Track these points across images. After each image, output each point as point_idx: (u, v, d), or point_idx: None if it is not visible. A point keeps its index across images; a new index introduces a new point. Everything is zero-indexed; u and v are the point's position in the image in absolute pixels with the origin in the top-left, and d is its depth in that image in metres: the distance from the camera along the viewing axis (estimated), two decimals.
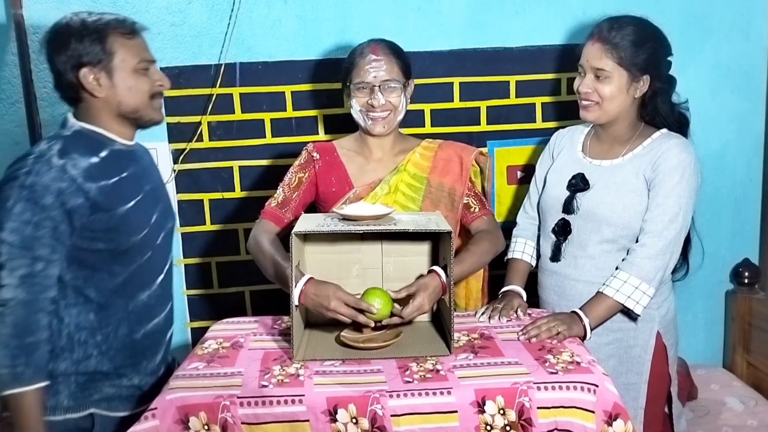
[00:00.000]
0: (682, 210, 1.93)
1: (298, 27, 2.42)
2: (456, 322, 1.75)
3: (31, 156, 1.60)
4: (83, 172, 1.61)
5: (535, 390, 1.51)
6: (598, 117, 2.01)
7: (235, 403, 1.48)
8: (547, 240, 2.12)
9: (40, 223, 1.56)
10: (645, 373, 2.02)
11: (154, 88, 1.74)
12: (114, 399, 1.72)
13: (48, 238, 1.57)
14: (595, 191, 2.02)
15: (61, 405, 1.67)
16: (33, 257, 1.56)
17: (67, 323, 1.67)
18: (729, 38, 2.57)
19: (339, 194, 2.08)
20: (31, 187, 1.56)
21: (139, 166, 1.80)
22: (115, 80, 1.68)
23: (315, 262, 1.85)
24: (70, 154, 1.62)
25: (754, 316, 2.64)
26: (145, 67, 1.71)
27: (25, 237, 1.55)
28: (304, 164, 2.13)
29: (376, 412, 1.47)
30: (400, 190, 2.07)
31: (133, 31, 1.69)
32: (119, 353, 1.73)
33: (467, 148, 2.18)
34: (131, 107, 1.71)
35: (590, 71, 1.99)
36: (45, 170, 1.57)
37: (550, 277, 2.12)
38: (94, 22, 1.66)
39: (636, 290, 1.91)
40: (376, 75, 2.01)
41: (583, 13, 2.48)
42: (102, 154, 1.68)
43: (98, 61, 1.65)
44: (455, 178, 2.10)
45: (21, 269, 1.54)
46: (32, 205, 1.55)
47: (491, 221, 2.13)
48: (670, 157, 1.94)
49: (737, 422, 2.36)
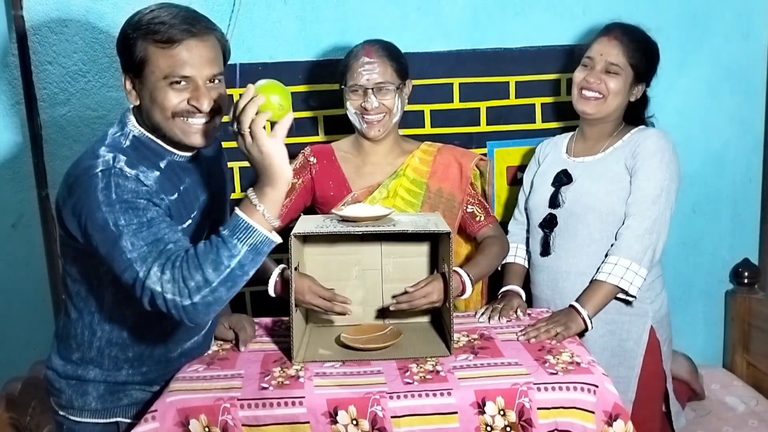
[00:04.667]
0: (664, 191, 1.97)
1: (298, 28, 2.42)
2: (456, 323, 1.75)
3: (97, 170, 1.45)
4: (155, 183, 1.51)
5: (535, 390, 1.51)
6: (597, 111, 2.05)
7: (236, 405, 1.48)
8: (536, 236, 2.15)
9: (151, 221, 1.44)
10: (636, 368, 2.04)
11: (180, 107, 1.51)
12: (142, 403, 1.67)
13: (162, 224, 1.46)
14: (579, 183, 2.07)
15: (88, 407, 1.65)
16: (165, 243, 1.43)
17: (99, 336, 1.63)
18: (729, 38, 2.56)
19: (337, 198, 2.07)
20: (120, 198, 1.43)
21: (196, 176, 1.66)
22: (143, 91, 1.53)
23: (314, 264, 1.85)
24: (138, 167, 1.49)
25: (753, 316, 2.64)
26: (175, 81, 1.50)
27: (148, 240, 1.42)
28: (299, 169, 2.13)
29: (377, 414, 1.48)
30: (399, 194, 2.07)
31: (171, 40, 1.47)
32: (153, 369, 1.67)
33: (467, 153, 2.18)
34: (154, 123, 1.55)
35: (602, 64, 2.03)
36: (123, 180, 1.45)
37: (542, 273, 2.14)
38: (139, 25, 1.49)
39: (627, 271, 1.92)
40: (368, 78, 1.99)
41: (583, 13, 2.48)
42: (162, 165, 1.57)
43: (130, 67, 1.53)
44: (454, 184, 2.10)
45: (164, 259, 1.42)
46: (132, 212, 1.43)
47: (497, 228, 2.14)
48: (649, 144, 2.01)
49: (738, 422, 2.36)
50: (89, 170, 1.46)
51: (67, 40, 2.34)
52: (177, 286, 1.38)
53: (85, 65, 2.36)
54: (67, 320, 1.67)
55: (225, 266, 1.39)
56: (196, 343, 1.72)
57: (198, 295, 1.38)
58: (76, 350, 1.65)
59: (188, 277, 1.38)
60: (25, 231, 2.43)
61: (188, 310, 1.40)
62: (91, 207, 1.43)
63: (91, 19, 2.33)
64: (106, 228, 1.42)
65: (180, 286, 1.38)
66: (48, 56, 2.34)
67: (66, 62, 2.35)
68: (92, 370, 1.65)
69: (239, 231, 1.40)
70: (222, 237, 1.41)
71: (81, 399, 1.65)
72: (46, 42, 2.34)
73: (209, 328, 1.76)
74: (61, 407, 1.68)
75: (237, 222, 1.41)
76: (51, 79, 2.36)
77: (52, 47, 2.34)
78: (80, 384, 1.65)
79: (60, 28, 2.33)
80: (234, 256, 1.39)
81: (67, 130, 2.39)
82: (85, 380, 1.65)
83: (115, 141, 1.54)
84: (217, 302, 1.41)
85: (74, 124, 2.39)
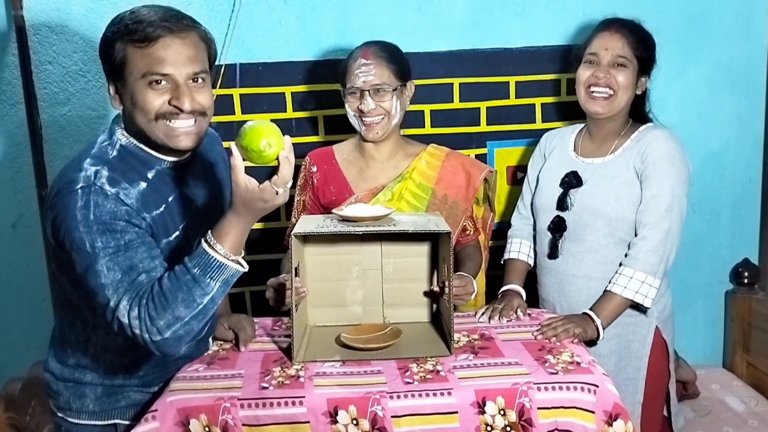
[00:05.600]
0: (677, 198, 1.95)
1: (299, 28, 2.42)
2: (456, 323, 1.75)
3: (78, 186, 1.43)
4: (136, 201, 1.48)
5: (536, 390, 1.51)
6: (608, 110, 2.02)
7: (236, 405, 1.48)
8: (543, 238, 2.13)
9: (128, 244, 1.43)
10: (643, 369, 2.03)
11: (162, 108, 1.46)
12: (140, 405, 1.66)
13: (141, 248, 1.45)
14: (588, 187, 2.04)
15: (86, 409, 1.64)
16: (138, 273, 1.43)
17: (93, 343, 1.62)
18: (729, 38, 2.56)
19: (340, 201, 2.06)
20: (98, 219, 1.41)
21: (190, 181, 1.63)
22: (125, 95, 1.49)
23: (315, 264, 1.85)
24: (120, 183, 1.46)
25: (753, 316, 2.64)
26: (154, 81, 1.45)
27: (123, 267, 1.42)
28: (302, 185, 2.15)
29: (377, 414, 1.48)
30: (405, 198, 2.06)
31: (147, 38, 1.43)
32: (150, 372, 1.66)
33: (476, 164, 2.17)
34: (138, 127, 1.50)
35: (609, 58, 2.00)
36: (102, 199, 1.42)
37: (549, 275, 2.13)
38: (118, 26, 1.46)
39: (643, 284, 1.92)
40: (365, 80, 1.98)
41: (583, 13, 2.48)
42: (150, 176, 1.54)
43: (112, 70, 1.49)
44: (459, 192, 2.09)
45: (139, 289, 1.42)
46: (109, 234, 1.41)
47: (478, 242, 2.18)
48: (658, 147, 1.97)
49: (738, 422, 2.36)
50: (70, 185, 1.44)
51: (67, 40, 2.34)
52: (144, 325, 1.40)
53: (85, 65, 2.36)
54: (62, 327, 1.66)
55: (198, 303, 1.40)
56: (192, 347, 1.68)
57: (169, 331, 1.40)
58: (71, 355, 1.65)
59: (156, 317, 1.39)
60: (25, 231, 2.43)
61: (158, 344, 1.41)
62: (69, 225, 1.42)
63: (91, 18, 2.33)
64: (82, 248, 1.41)
65: (147, 325, 1.39)
66: (48, 56, 2.34)
67: (66, 62, 2.35)
68: (89, 374, 1.64)
69: (212, 269, 1.40)
70: (193, 276, 1.40)
71: (78, 401, 1.64)
72: (46, 42, 2.34)
73: (207, 330, 1.74)
74: (60, 409, 1.68)
75: (208, 260, 1.40)
76: (51, 79, 2.36)
77: (52, 47, 2.34)
78: (77, 386, 1.64)
79: (60, 28, 2.33)
80: (207, 294, 1.41)
81: (67, 129, 2.39)
82: (83, 383, 1.64)
83: (102, 151, 1.52)
84: (188, 334, 1.43)
85: (74, 123, 2.39)
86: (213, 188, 1.71)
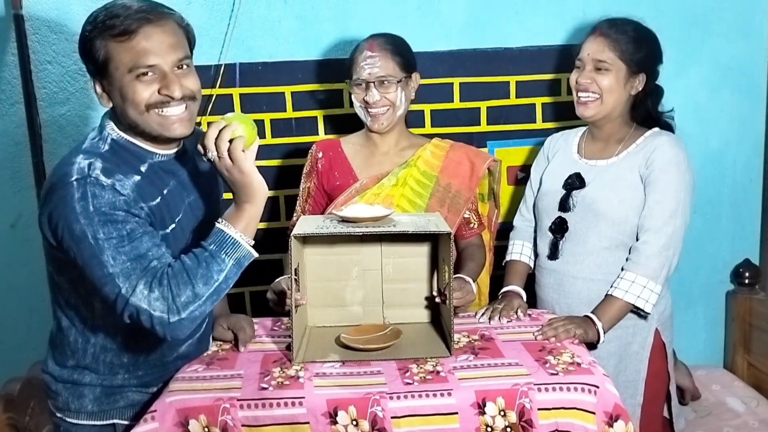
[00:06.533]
0: (681, 205, 1.95)
1: (298, 27, 2.42)
2: (456, 323, 1.75)
3: (72, 178, 1.42)
4: (132, 192, 1.47)
5: (536, 391, 1.51)
6: (596, 113, 2.03)
7: (235, 406, 1.47)
8: (544, 239, 2.13)
9: (131, 233, 1.43)
10: (643, 371, 2.03)
11: (152, 99, 1.48)
12: (138, 405, 1.66)
13: (144, 237, 1.45)
14: (591, 188, 2.04)
15: (85, 409, 1.64)
16: (149, 260, 1.44)
17: (93, 343, 1.62)
18: (729, 38, 2.56)
19: (344, 187, 2.09)
20: (98, 210, 1.41)
21: (182, 176, 1.64)
22: (113, 92, 1.50)
23: (314, 264, 1.84)
24: (115, 174, 1.46)
25: (754, 317, 2.64)
26: (142, 73, 1.46)
27: (130, 256, 1.42)
28: (308, 172, 2.17)
29: (377, 414, 1.47)
30: (409, 184, 2.08)
31: (127, 32, 1.44)
32: (149, 373, 1.66)
33: (480, 154, 2.19)
34: (130, 121, 1.51)
35: (590, 63, 2.01)
36: (99, 190, 1.42)
37: (549, 276, 2.13)
38: (95, 24, 1.46)
39: (644, 289, 1.92)
40: (370, 72, 2.01)
41: (583, 13, 2.48)
42: (143, 169, 1.54)
43: (95, 69, 1.50)
44: (463, 181, 2.11)
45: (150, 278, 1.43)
46: (111, 225, 1.41)
47: (481, 237, 2.19)
48: (663, 153, 1.97)
49: (739, 422, 2.36)
50: (64, 178, 1.43)
51: (66, 39, 2.33)
52: (166, 304, 1.41)
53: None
54: (60, 328, 1.66)
55: (215, 280, 1.44)
56: (191, 346, 1.71)
57: (186, 311, 1.42)
58: (70, 357, 1.65)
59: (178, 294, 1.41)
60: (25, 231, 2.42)
61: (174, 326, 1.42)
62: (68, 218, 1.42)
63: None
64: (84, 240, 1.41)
65: (169, 303, 1.41)
66: (48, 56, 2.34)
67: (65, 62, 2.35)
68: (88, 375, 1.64)
69: (227, 246, 1.45)
70: (210, 252, 1.45)
71: (77, 402, 1.64)
72: (45, 42, 2.33)
73: (205, 330, 1.75)
74: (58, 409, 1.68)
75: (224, 237, 1.46)
76: (50, 79, 2.36)
77: (51, 47, 2.34)
78: (76, 387, 1.64)
79: (59, 28, 2.33)
80: (222, 270, 1.45)
81: (66, 129, 2.39)
82: (81, 384, 1.64)
83: (94, 146, 1.52)
84: (201, 316, 1.45)
85: (74, 123, 2.39)
86: (204, 184, 1.72)
